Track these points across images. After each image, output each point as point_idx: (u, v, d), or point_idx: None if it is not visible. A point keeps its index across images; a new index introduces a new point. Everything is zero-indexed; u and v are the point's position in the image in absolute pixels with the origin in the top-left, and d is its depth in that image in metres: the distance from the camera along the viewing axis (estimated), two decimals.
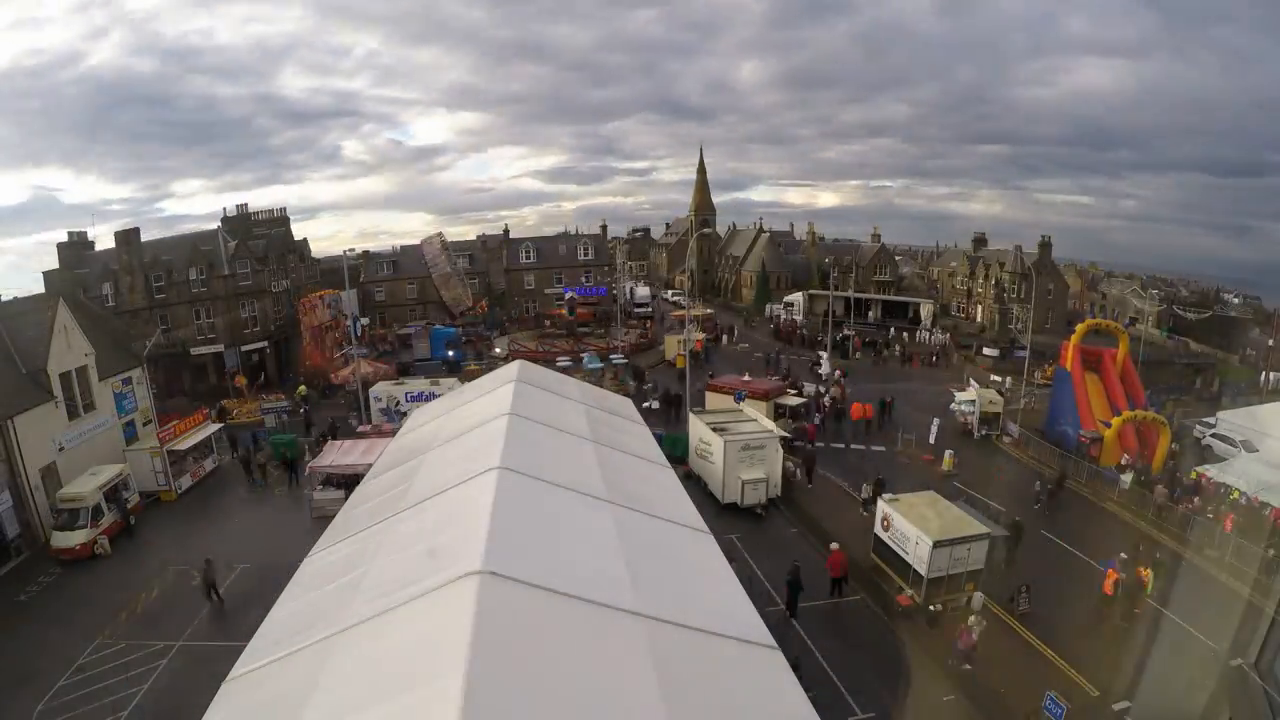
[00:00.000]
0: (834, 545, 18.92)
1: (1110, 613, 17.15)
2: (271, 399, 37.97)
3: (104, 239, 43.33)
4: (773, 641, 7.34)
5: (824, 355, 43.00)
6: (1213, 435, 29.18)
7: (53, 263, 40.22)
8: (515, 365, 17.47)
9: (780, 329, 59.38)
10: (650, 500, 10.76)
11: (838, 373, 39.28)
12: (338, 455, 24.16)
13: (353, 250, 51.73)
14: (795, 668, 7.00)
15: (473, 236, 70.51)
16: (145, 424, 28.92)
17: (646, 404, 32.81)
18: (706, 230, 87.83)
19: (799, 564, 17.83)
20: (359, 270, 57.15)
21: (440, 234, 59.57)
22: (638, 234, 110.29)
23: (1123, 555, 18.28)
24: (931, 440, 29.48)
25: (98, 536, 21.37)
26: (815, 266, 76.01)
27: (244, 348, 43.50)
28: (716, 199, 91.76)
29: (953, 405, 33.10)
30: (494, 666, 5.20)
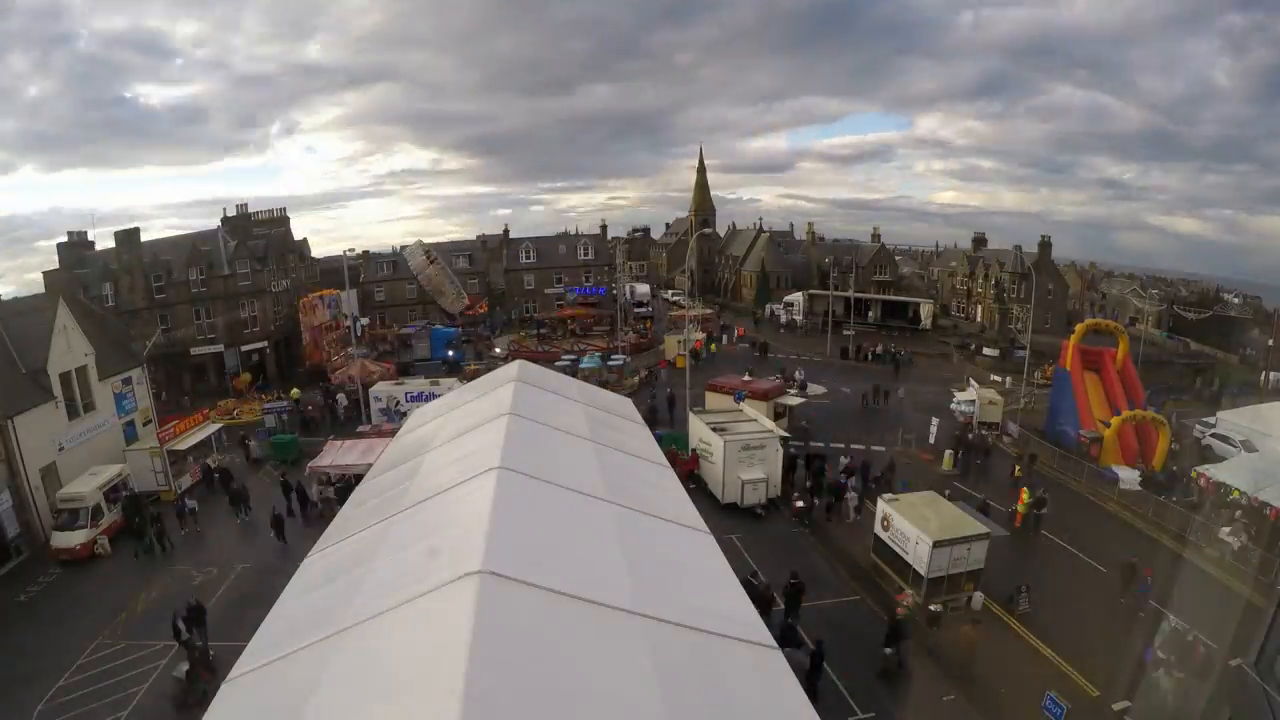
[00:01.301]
0: None
1: (1110, 612, 17.16)
2: (271, 399, 37.95)
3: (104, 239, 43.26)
4: (773, 641, 7.34)
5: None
6: (1213, 435, 29.18)
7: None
8: (515, 365, 17.48)
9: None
10: (650, 500, 10.76)
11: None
12: (338, 455, 24.16)
13: (353, 250, 51.66)
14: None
15: (473, 236, 70.56)
16: (145, 424, 28.93)
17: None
18: (706, 230, 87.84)
19: None
20: (359, 270, 57.13)
21: (419, 240, 59.14)
22: (637, 234, 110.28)
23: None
24: (931, 440, 29.49)
25: (98, 536, 21.37)
26: (815, 266, 76.01)
27: (244, 348, 43.51)
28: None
29: (952, 405, 33.12)
30: (494, 666, 5.20)
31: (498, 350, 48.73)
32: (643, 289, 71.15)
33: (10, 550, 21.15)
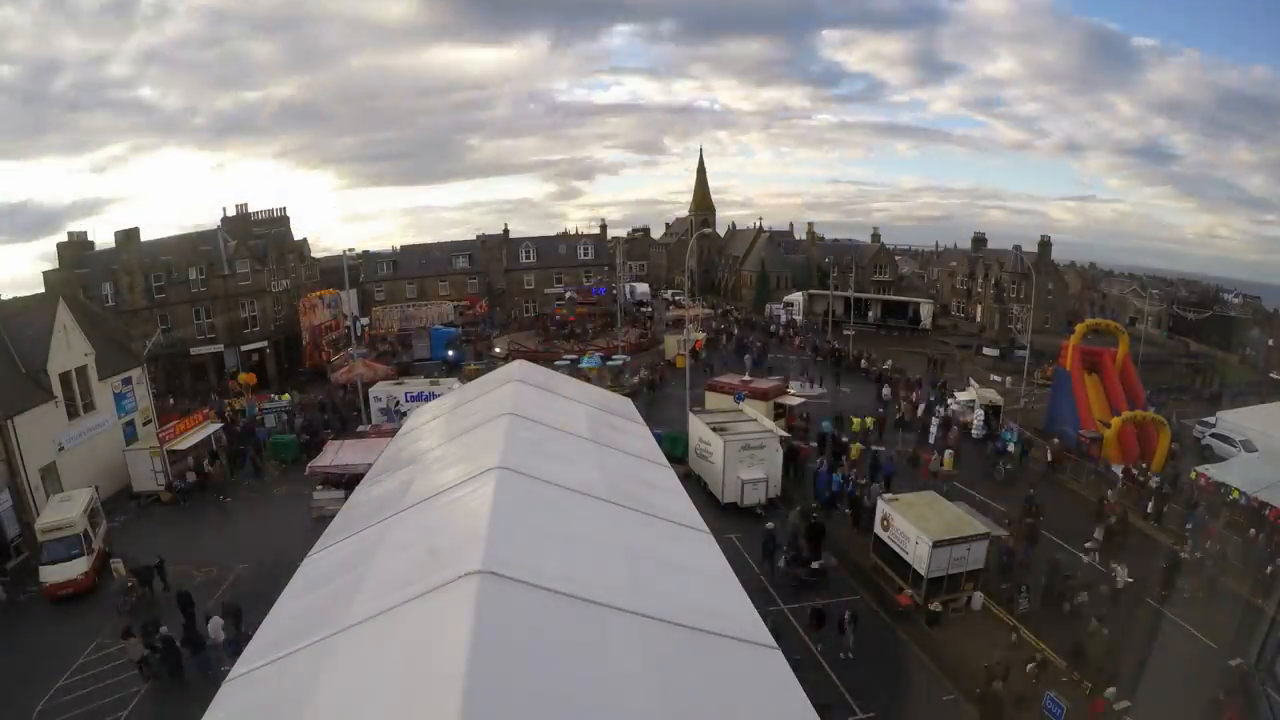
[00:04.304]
0: None
1: (1110, 612, 17.15)
2: (273, 398, 37.92)
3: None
4: (773, 642, 7.35)
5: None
6: (1213, 435, 29.17)
7: None
8: (515, 365, 17.50)
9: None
10: (650, 500, 10.77)
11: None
12: (338, 455, 24.14)
13: (352, 250, 51.63)
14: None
15: (473, 236, 70.61)
16: (145, 424, 28.92)
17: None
18: (706, 230, 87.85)
19: None
20: (359, 270, 57.15)
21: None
22: (638, 234, 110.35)
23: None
24: (931, 440, 29.46)
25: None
26: (815, 266, 76.01)
27: (244, 348, 43.52)
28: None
29: (953, 405, 33.09)
30: (494, 666, 5.21)
31: (498, 350, 48.72)
32: (643, 289, 71.17)
33: (10, 550, 21.13)
